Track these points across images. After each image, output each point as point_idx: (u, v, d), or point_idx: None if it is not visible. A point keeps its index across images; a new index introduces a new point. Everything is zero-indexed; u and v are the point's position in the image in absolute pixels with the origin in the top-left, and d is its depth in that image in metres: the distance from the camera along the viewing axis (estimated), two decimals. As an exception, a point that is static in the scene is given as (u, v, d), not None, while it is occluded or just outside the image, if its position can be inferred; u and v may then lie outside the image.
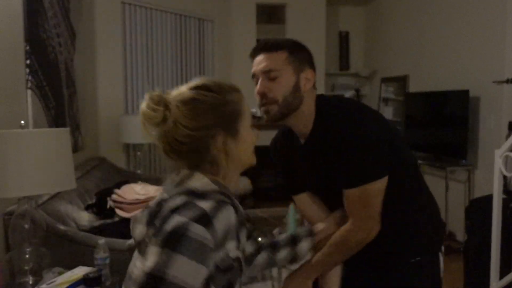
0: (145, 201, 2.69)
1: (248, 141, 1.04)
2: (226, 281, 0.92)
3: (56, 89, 2.96)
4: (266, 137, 1.70)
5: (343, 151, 1.28)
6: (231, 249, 0.93)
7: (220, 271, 0.90)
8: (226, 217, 0.92)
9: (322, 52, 5.50)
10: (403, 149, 1.40)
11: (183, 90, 1.00)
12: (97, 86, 4.07)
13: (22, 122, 2.10)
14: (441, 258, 1.43)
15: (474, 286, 2.83)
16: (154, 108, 0.94)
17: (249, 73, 1.36)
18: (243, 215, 1.01)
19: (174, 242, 0.85)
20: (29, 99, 2.51)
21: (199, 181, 0.97)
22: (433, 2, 4.56)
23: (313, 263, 1.38)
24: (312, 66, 1.36)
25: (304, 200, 1.51)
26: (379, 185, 1.29)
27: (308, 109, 1.34)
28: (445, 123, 4.15)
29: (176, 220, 0.87)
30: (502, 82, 3.45)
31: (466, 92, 3.81)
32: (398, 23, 5.32)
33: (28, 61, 2.49)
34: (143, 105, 0.96)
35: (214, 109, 0.98)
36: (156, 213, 0.93)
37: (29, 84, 2.51)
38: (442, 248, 1.46)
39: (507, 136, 3.10)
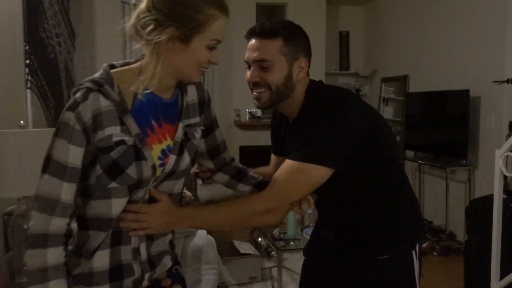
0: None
1: (196, 56, 1.06)
2: (111, 160, 1.01)
3: (55, 89, 2.95)
4: (266, 137, 1.71)
5: (303, 131, 1.27)
6: (114, 133, 1.02)
7: (101, 151, 1.01)
8: (92, 103, 1.00)
9: (322, 52, 5.49)
10: (387, 146, 1.36)
11: None
12: (97, 85, 4.05)
13: (22, 122, 2.10)
14: (415, 257, 1.39)
15: (475, 286, 2.83)
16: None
17: (250, 73, 1.36)
18: (123, 103, 1.04)
19: (55, 129, 1.02)
20: (29, 99, 2.51)
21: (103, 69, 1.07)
22: (433, 2, 4.55)
23: (196, 211, 1.21)
24: (307, 54, 1.34)
25: (277, 160, 1.53)
26: (316, 173, 1.22)
27: (298, 96, 1.34)
28: (445, 123, 4.15)
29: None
30: (503, 82, 3.45)
31: (466, 92, 3.81)
32: (398, 23, 5.32)
33: (27, 61, 2.49)
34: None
35: (176, 3, 1.02)
36: None
37: (29, 84, 2.51)
38: (417, 247, 1.41)
39: (508, 136, 3.10)
